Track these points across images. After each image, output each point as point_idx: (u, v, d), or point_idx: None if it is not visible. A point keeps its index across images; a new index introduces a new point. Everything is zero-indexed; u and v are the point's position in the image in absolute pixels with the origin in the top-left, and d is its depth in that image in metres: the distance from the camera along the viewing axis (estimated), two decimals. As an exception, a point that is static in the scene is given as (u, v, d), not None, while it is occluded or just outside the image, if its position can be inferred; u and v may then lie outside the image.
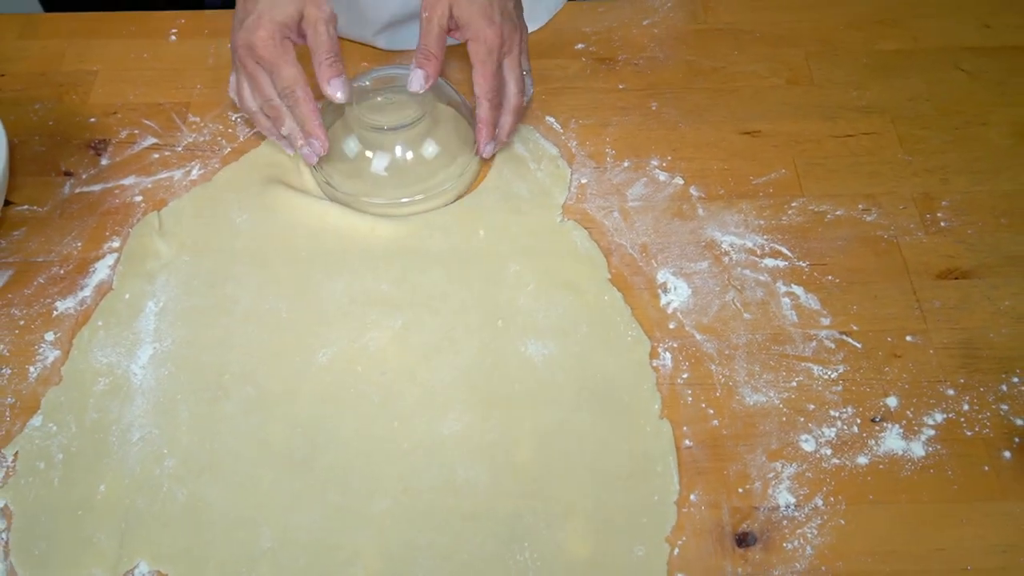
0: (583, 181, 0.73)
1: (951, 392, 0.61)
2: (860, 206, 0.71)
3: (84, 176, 0.73)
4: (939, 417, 0.60)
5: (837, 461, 0.58)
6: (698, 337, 0.64)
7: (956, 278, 0.67)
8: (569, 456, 0.58)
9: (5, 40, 0.83)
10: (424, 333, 0.64)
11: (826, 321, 0.64)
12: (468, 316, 0.64)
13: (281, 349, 0.63)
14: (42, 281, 0.67)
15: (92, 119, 0.78)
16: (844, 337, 0.64)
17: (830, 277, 0.67)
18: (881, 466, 0.58)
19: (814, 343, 0.63)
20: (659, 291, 0.66)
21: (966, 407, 0.60)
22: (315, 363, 0.62)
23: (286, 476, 0.58)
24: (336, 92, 0.64)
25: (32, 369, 0.62)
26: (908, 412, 0.60)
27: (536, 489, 0.57)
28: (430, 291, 0.66)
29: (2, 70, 0.81)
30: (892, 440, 0.59)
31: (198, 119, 0.78)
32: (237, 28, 0.65)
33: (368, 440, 0.59)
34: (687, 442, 0.59)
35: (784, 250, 0.68)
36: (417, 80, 0.65)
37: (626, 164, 0.74)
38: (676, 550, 0.55)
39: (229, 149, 0.75)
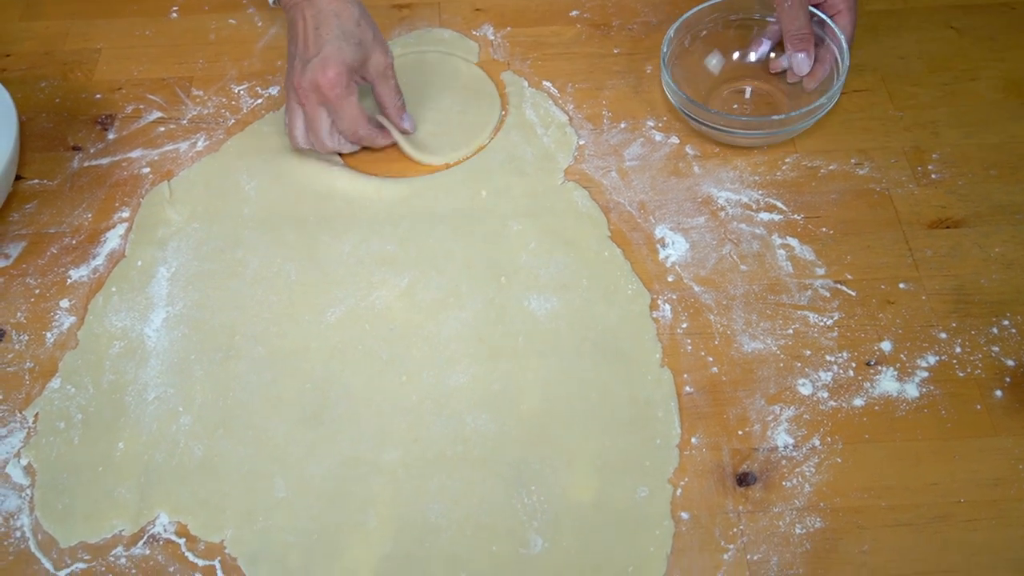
0: (581, 143, 0.74)
1: (943, 336, 0.62)
2: (852, 160, 0.72)
3: (92, 150, 0.75)
4: (932, 360, 0.61)
5: (834, 403, 0.60)
6: (696, 289, 0.65)
7: (947, 227, 0.68)
8: (573, 404, 0.60)
9: (9, 21, 0.85)
10: (430, 290, 0.65)
11: (821, 271, 0.66)
12: (472, 273, 0.66)
13: (290, 309, 0.65)
14: (55, 251, 0.69)
15: (98, 95, 0.79)
16: (839, 286, 0.65)
17: (824, 229, 0.68)
18: (876, 407, 0.60)
19: (809, 292, 0.65)
20: (657, 246, 0.68)
21: (958, 350, 0.62)
22: (324, 321, 0.64)
23: (298, 429, 0.59)
24: (407, 125, 0.74)
25: (49, 335, 0.64)
26: (902, 355, 0.62)
27: (541, 436, 0.59)
28: (435, 250, 0.67)
29: (7, 50, 0.82)
30: (887, 382, 0.61)
31: (201, 93, 0.79)
32: (299, 69, 0.67)
33: (377, 393, 0.61)
34: (687, 388, 0.61)
35: (779, 204, 0.70)
36: (806, 62, 0.72)
37: (623, 126, 0.75)
38: (679, 490, 0.57)
39: (233, 121, 0.77)
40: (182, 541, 0.56)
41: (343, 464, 0.58)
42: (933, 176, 0.71)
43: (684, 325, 0.64)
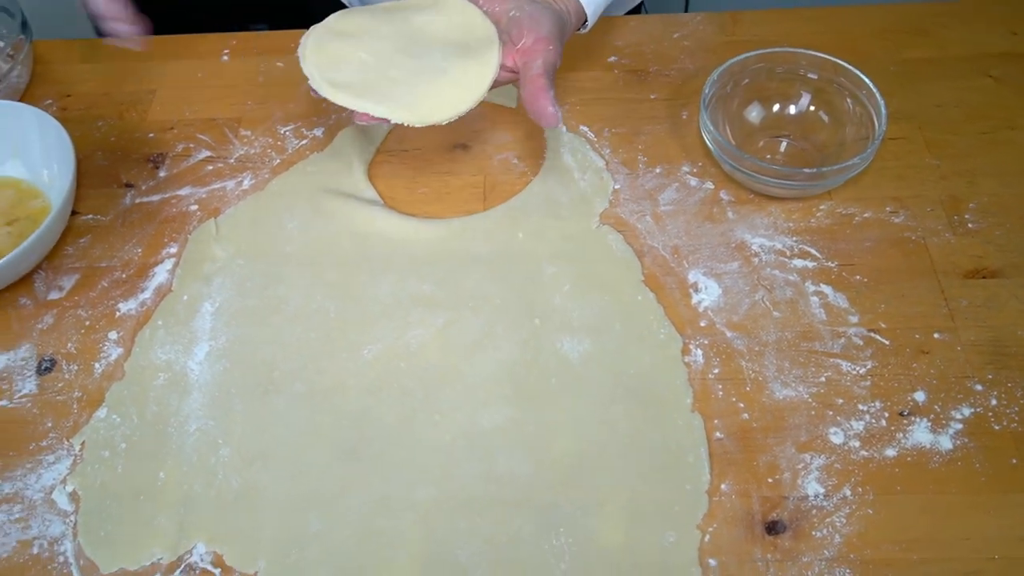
0: (617, 187, 0.75)
1: (979, 387, 0.62)
2: (888, 208, 0.72)
3: (143, 187, 0.78)
4: (967, 412, 0.61)
5: (866, 453, 0.60)
6: (728, 334, 0.66)
7: (984, 277, 0.68)
8: (604, 447, 0.61)
9: (71, 63, 0.89)
10: (465, 331, 0.67)
11: (854, 319, 0.66)
12: (507, 315, 0.67)
13: (329, 346, 0.66)
14: (106, 284, 0.71)
15: (151, 134, 0.82)
16: (872, 334, 0.65)
17: (858, 277, 0.68)
18: (909, 458, 0.59)
19: (843, 340, 0.65)
20: (690, 290, 0.69)
21: (994, 402, 0.61)
22: (361, 359, 0.65)
23: (334, 465, 0.61)
24: None
25: (97, 365, 0.67)
26: (936, 406, 0.61)
27: (572, 478, 0.59)
28: (471, 291, 0.69)
29: (68, 91, 0.86)
30: (920, 433, 0.60)
31: (249, 133, 0.82)
32: None
33: (411, 431, 0.62)
34: (718, 434, 0.61)
35: (813, 251, 0.70)
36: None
37: (658, 170, 0.76)
38: (707, 537, 0.57)
39: (278, 160, 0.79)
40: (217, 571, 0.57)
41: (376, 501, 0.59)
42: (970, 225, 0.71)
43: (716, 370, 0.64)
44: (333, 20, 0.69)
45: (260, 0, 1.18)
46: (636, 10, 1.03)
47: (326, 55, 0.66)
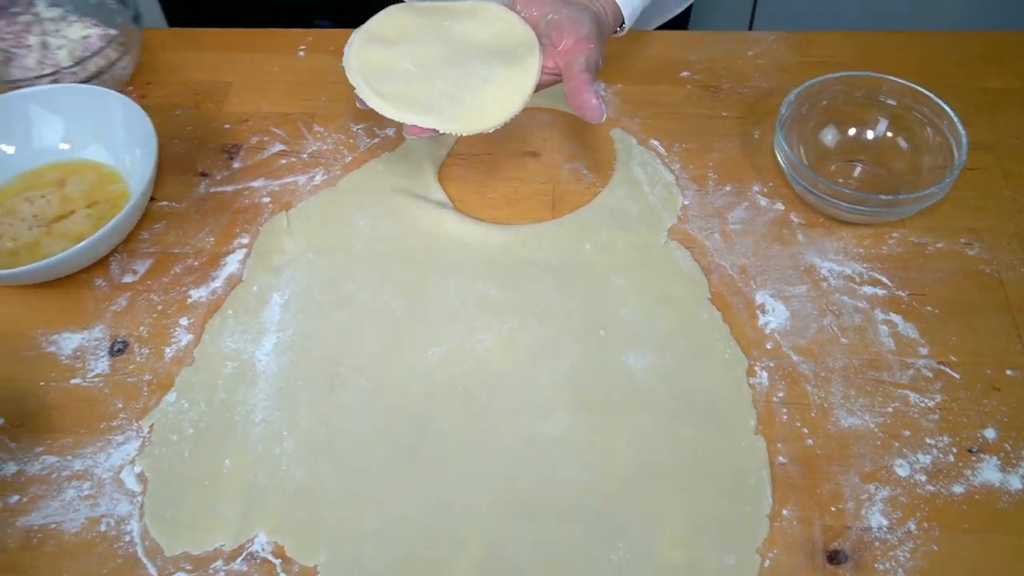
0: (686, 203, 0.75)
1: (1052, 428, 0.61)
2: (962, 240, 0.71)
3: (218, 177, 0.79)
4: (1038, 451, 0.60)
5: (932, 488, 0.59)
6: (795, 358, 0.65)
7: (1060, 316, 0.67)
8: (665, 464, 0.60)
9: (152, 52, 0.91)
10: (529, 338, 0.67)
11: (924, 350, 0.65)
12: (572, 324, 0.67)
13: (394, 345, 0.67)
14: (178, 271, 0.73)
15: (226, 125, 0.84)
16: (942, 367, 0.64)
17: (929, 308, 0.67)
18: (977, 496, 0.58)
19: (911, 371, 0.64)
20: (757, 311, 0.68)
21: (1067, 444, 0.60)
22: (426, 360, 0.66)
23: (395, 464, 0.61)
24: None
25: (168, 350, 0.68)
26: (1006, 445, 0.60)
27: (632, 493, 0.59)
28: (537, 299, 0.69)
29: (149, 78, 0.88)
30: (989, 471, 0.59)
31: (322, 129, 0.83)
32: None
33: (473, 435, 0.62)
34: (781, 459, 0.61)
35: (883, 279, 0.69)
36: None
37: (728, 188, 0.76)
38: (767, 562, 0.56)
39: (350, 158, 0.80)
40: (278, 562, 0.58)
41: (435, 502, 0.59)
42: (1047, 262, 0.70)
43: (780, 394, 0.64)
44: (375, 24, 0.70)
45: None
46: (683, 19, 1.03)
47: (370, 63, 0.68)
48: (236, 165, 0.80)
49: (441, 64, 0.67)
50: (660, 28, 1.00)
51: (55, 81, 0.78)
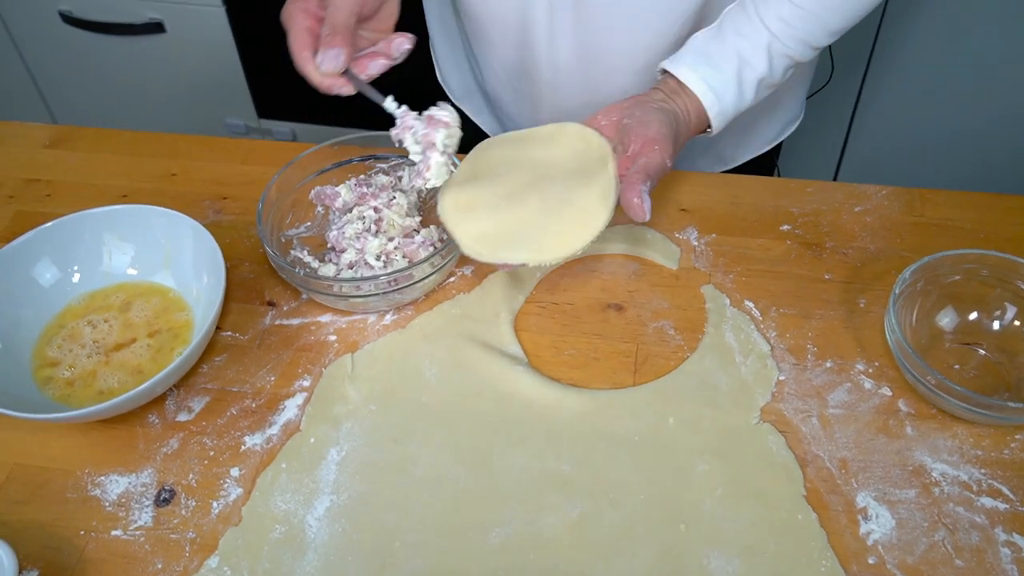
0: (781, 378, 0.69)
1: None
2: (1098, 450, 0.63)
3: (285, 308, 0.76)
4: None
5: None
6: (902, 579, 0.58)
7: None
8: None
9: (231, 164, 0.89)
10: (602, 527, 0.61)
11: (1054, 584, 0.57)
12: (650, 513, 0.61)
13: (455, 522, 0.62)
14: (235, 412, 0.69)
15: (299, 249, 0.81)
16: (1075, 607, 0.56)
17: (1060, 531, 0.60)
18: None
19: (1039, 609, 0.56)
20: (859, 517, 0.61)
21: None
22: (488, 542, 0.60)
23: (446, 666, 0.56)
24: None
25: (215, 504, 0.64)
26: None
27: None
28: (612, 479, 0.63)
29: (225, 193, 0.86)
30: None
31: (397, 261, 0.79)
32: None
33: (534, 641, 0.56)
34: None
35: (1005, 490, 0.62)
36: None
37: (828, 364, 0.70)
38: None
39: (423, 297, 0.76)
40: None
41: None
42: None
43: (885, 623, 0.56)
44: (466, 164, 0.69)
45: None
46: (770, 160, 0.99)
47: (460, 202, 0.66)
48: (304, 296, 0.77)
49: (526, 193, 0.66)
50: (750, 171, 0.95)
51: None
